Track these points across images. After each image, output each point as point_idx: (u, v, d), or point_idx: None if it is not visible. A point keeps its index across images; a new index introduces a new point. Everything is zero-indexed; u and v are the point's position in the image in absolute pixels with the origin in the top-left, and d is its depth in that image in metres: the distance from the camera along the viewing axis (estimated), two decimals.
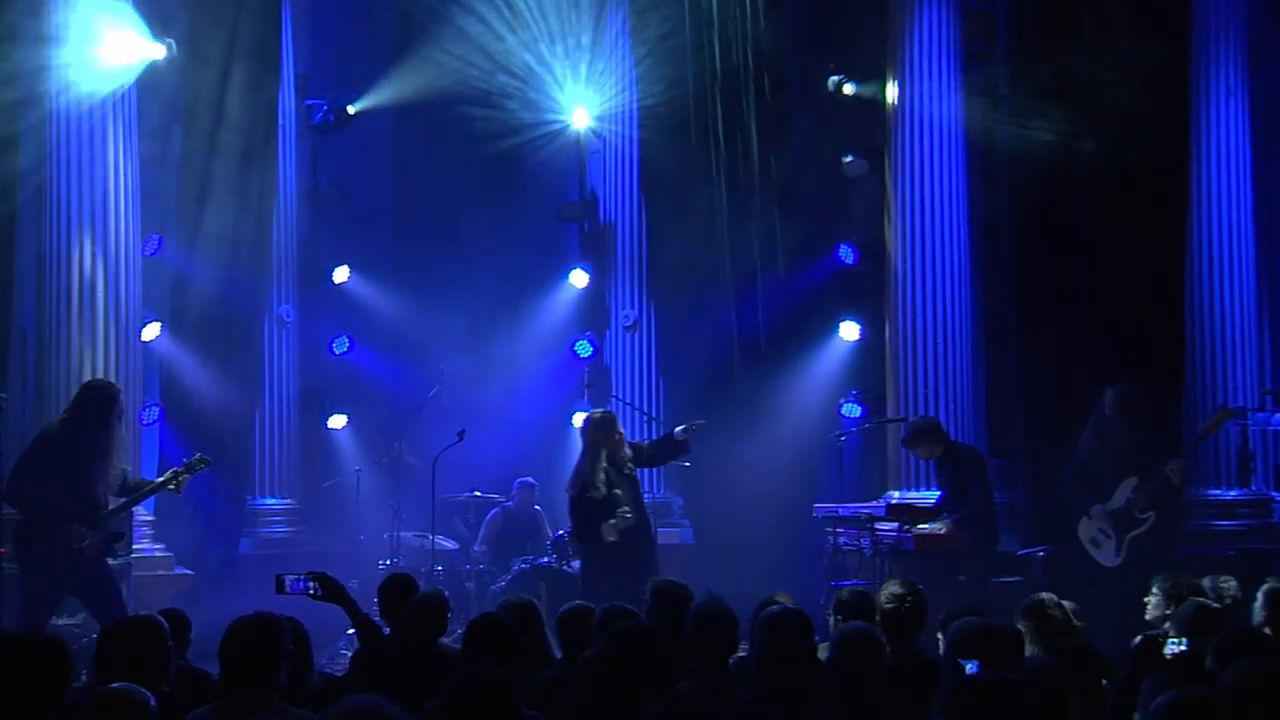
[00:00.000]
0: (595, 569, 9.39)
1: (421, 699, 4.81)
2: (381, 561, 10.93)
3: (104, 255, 10.35)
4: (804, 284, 12.33)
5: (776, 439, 11.91)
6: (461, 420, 11.13)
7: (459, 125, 13.01)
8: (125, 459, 8.95)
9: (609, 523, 9.23)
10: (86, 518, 8.40)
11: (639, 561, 9.21)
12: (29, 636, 4.49)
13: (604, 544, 9.28)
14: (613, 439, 9.50)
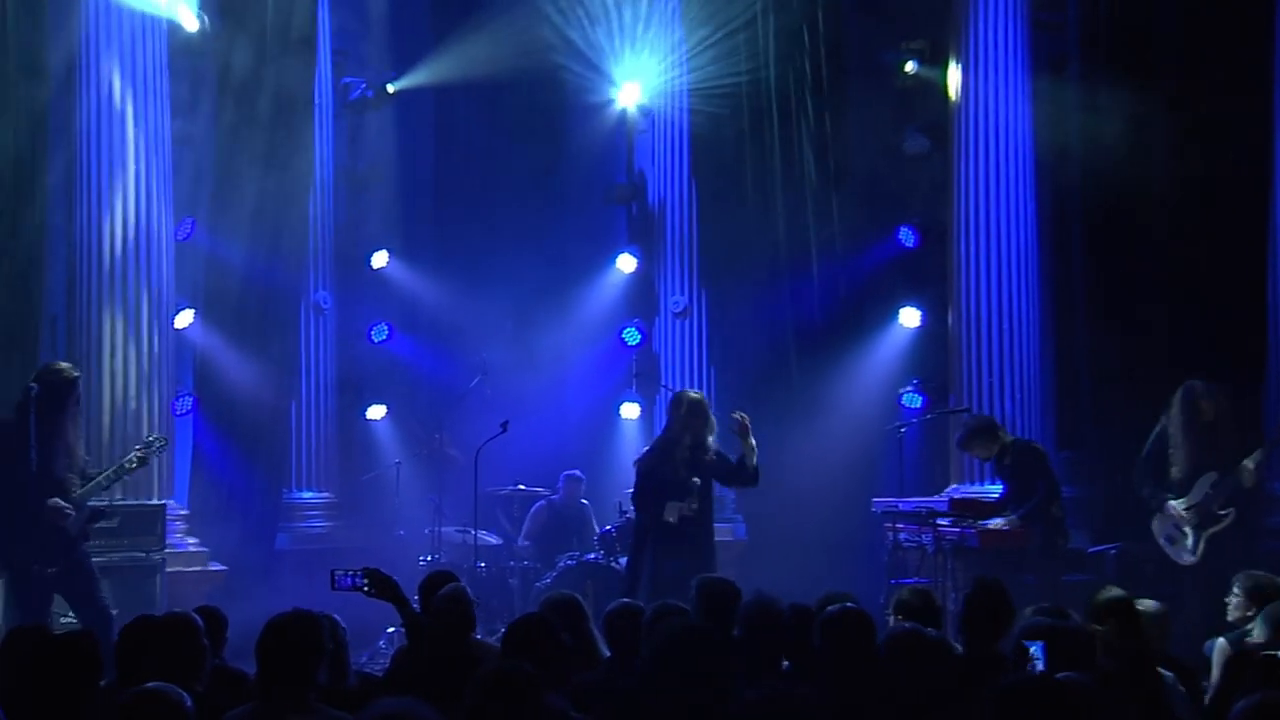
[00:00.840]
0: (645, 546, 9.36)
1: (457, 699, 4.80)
2: (422, 558, 10.96)
3: (135, 239, 10.42)
4: (862, 268, 12.27)
5: (833, 431, 11.85)
6: (505, 411, 11.14)
7: (503, 104, 13.03)
8: (83, 447, 8.92)
9: (674, 502, 9.21)
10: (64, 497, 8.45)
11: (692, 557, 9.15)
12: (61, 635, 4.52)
13: (661, 522, 9.24)
14: (699, 422, 9.41)
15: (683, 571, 8.95)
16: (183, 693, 4.00)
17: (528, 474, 12.04)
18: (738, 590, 6.06)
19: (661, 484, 9.28)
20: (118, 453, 9.69)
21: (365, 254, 12.98)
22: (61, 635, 4.57)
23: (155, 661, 4.97)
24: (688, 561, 9.05)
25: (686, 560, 9.08)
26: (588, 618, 6.31)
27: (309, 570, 11.27)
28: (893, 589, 8.42)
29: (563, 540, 11.70)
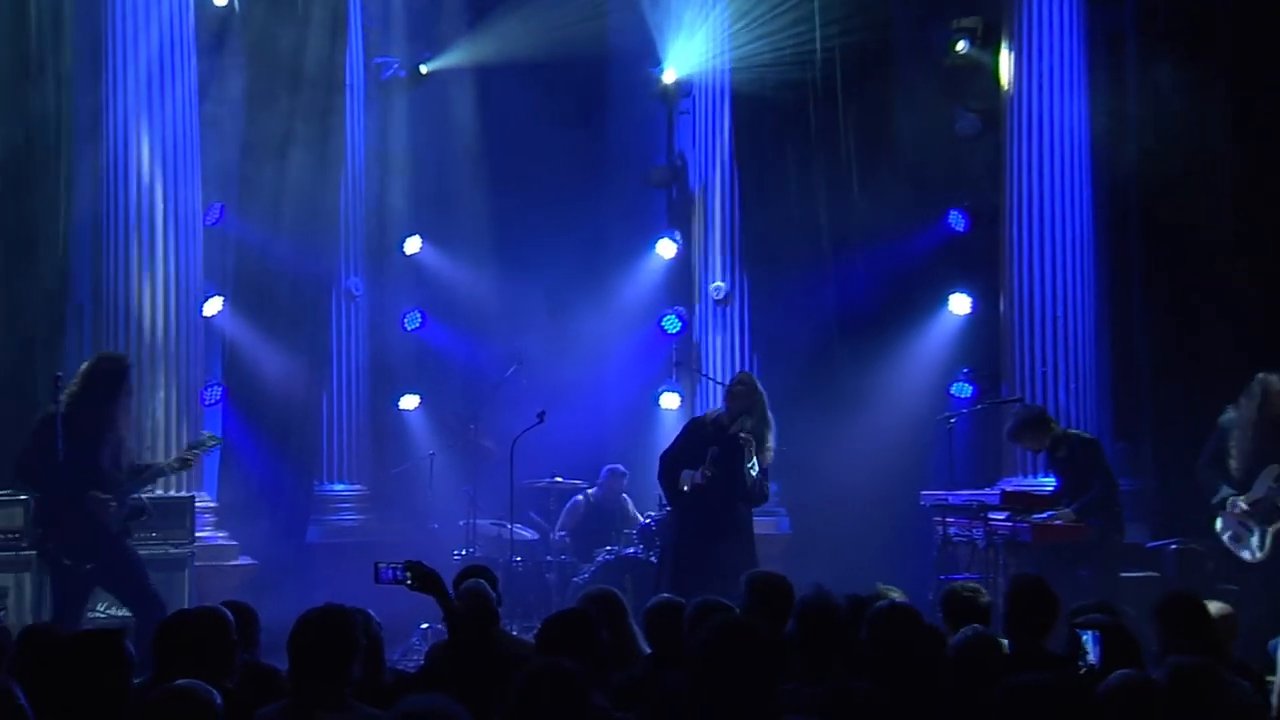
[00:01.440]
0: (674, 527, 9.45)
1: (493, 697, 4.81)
2: (457, 552, 10.98)
3: (164, 225, 10.46)
4: (910, 252, 12.18)
5: (880, 421, 11.79)
6: (541, 401, 11.14)
7: (540, 86, 13.01)
8: (132, 438, 8.96)
9: (688, 471, 9.27)
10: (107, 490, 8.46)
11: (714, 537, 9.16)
12: (87, 634, 4.54)
13: (679, 497, 9.32)
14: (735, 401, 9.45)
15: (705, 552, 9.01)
16: (212, 690, 4.01)
17: (565, 466, 12.03)
18: (789, 585, 6.04)
19: (679, 457, 9.39)
20: (144, 444, 9.73)
21: (398, 239, 13.01)
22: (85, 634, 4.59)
23: (185, 658, 4.99)
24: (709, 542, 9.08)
25: (707, 540, 9.10)
26: (627, 614, 6.30)
27: (341, 564, 11.32)
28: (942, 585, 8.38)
29: (601, 534, 11.69)
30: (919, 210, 12.32)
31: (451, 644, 5.75)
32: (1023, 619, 5.73)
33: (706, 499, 9.23)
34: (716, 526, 9.24)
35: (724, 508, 9.28)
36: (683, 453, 9.42)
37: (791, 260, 12.19)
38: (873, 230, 12.05)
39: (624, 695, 5.19)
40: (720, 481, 9.24)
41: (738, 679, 4.39)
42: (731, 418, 9.38)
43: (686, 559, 9.19)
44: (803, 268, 12.14)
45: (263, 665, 5.87)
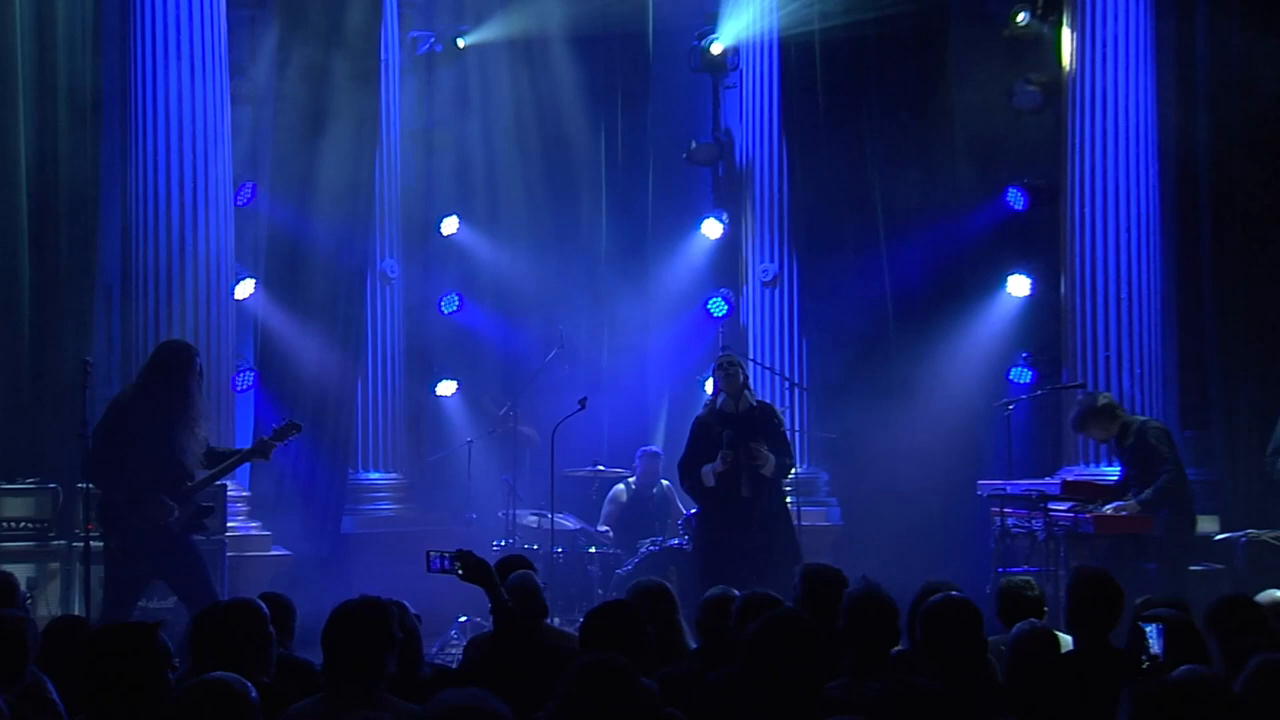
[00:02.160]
0: (703, 530, 9.48)
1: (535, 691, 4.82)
2: (496, 542, 11.02)
3: (194, 205, 10.51)
4: (967, 232, 12.11)
5: (935, 408, 11.75)
6: (583, 387, 11.16)
7: (581, 60, 13.00)
8: (207, 426, 8.94)
9: (708, 466, 9.30)
10: (172, 491, 8.36)
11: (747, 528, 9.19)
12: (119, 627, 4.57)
13: (704, 490, 9.36)
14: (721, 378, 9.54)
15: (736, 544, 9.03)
16: (247, 683, 4.04)
17: (607, 454, 12.04)
18: (843, 577, 6.03)
19: (695, 444, 9.42)
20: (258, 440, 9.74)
21: (435, 220, 13.04)
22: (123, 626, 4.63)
23: (220, 651, 5.03)
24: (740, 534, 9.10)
25: (739, 533, 9.13)
26: (676, 607, 6.31)
27: (376, 555, 11.41)
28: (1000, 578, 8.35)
29: (644, 524, 11.69)
30: (976, 187, 12.25)
31: (497, 637, 5.76)
32: (1086, 614, 5.70)
33: (732, 490, 9.26)
34: (747, 517, 9.27)
35: (754, 496, 9.32)
36: (697, 453, 9.43)
37: (843, 240, 12.14)
38: (928, 208, 11.98)
39: (670, 690, 5.19)
40: (746, 469, 9.28)
41: (787, 673, 4.38)
42: (735, 399, 9.43)
43: (718, 552, 9.20)
44: (854, 248, 12.09)
45: (297, 659, 5.91)
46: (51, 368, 10.14)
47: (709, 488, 9.34)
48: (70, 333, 10.28)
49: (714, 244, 13.08)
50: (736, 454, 9.24)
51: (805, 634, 4.46)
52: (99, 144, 10.76)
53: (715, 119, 13.39)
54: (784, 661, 4.40)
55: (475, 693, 3.64)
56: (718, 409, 9.51)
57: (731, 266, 13.00)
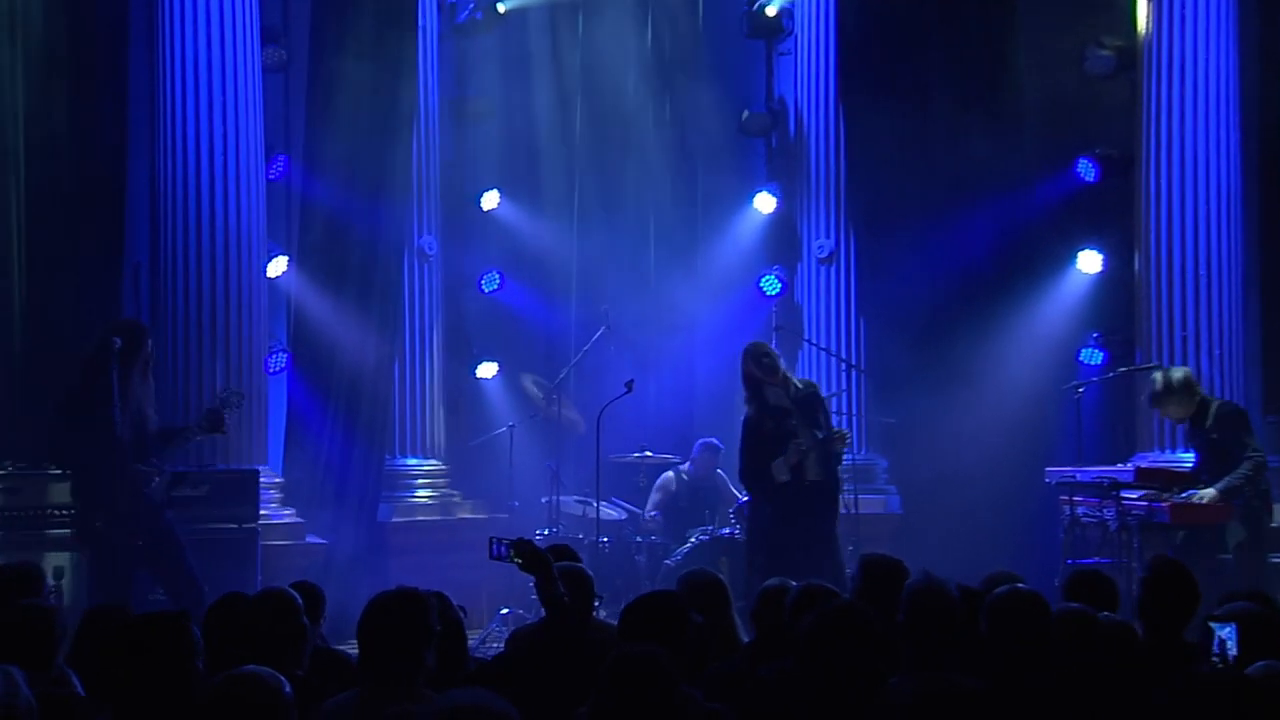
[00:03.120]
0: (764, 518, 9.45)
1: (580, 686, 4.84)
2: (539, 531, 11.05)
3: (224, 179, 10.57)
4: (1035, 205, 12.03)
5: (1001, 391, 11.70)
6: (630, 369, 11.18)
7: (626, 26, 12.98)
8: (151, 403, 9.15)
9: (779, 460, 9.26)
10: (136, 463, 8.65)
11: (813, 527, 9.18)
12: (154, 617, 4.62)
13: (775, 486, 9.31)
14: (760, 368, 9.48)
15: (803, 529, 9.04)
16: (280, 677, 4.07)
17: (655, 439, 12.06)
18: (904, 569, 6.02)
19: (761, 443, 9.36)
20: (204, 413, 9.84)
21: (475, 194, 13.06)
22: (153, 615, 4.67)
23: (251, 643, 5.07)
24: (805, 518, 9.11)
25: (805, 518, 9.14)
26: (729, 599, 6.32)
27: (414, 544, 11.48)
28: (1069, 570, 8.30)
29: (694, 513, 11.71)
30: (1045, 158, 12.15)
31: (547, 630, 5.77)
32: (1159, 607, 5.67)
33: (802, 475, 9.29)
34: (810, 501, 9.32)
35: (822, 479, 9.36)
36: (760, 454, 9.41)
37: (903, 214, 12.10)
38: (993, 180, 11.90)
39: (721, 686, 5.20)
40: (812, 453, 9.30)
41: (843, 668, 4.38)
42: (785, 388, 9.38)
43: (785, 539, 9.20)
44: (915, 222, 12.04)
45: (333, 651, 5.95)
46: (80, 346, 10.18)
47: (782, 482, 9.30)
48: (98, 311, 10.36)
49: (767, 219, 13.05)
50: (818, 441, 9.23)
51: (863, 627, 4.45)
52: (126, 116, 10.83)
53: (768, 87, 13.35)
54: (840, 656, 4.39)
55: (481, 694, 3.66)
56: (771, 404, 9.45)
57: (785, 242, 12.98)
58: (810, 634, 4.46)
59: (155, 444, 8.96)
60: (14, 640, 5.00)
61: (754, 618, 6.01)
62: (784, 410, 9.39)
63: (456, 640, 5.44)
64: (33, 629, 5.10)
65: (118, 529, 8.59)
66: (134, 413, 8.75)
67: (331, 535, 11.08)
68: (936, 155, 11.95)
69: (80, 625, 5.69)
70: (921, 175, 11.98)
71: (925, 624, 5.06)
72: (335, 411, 11.30)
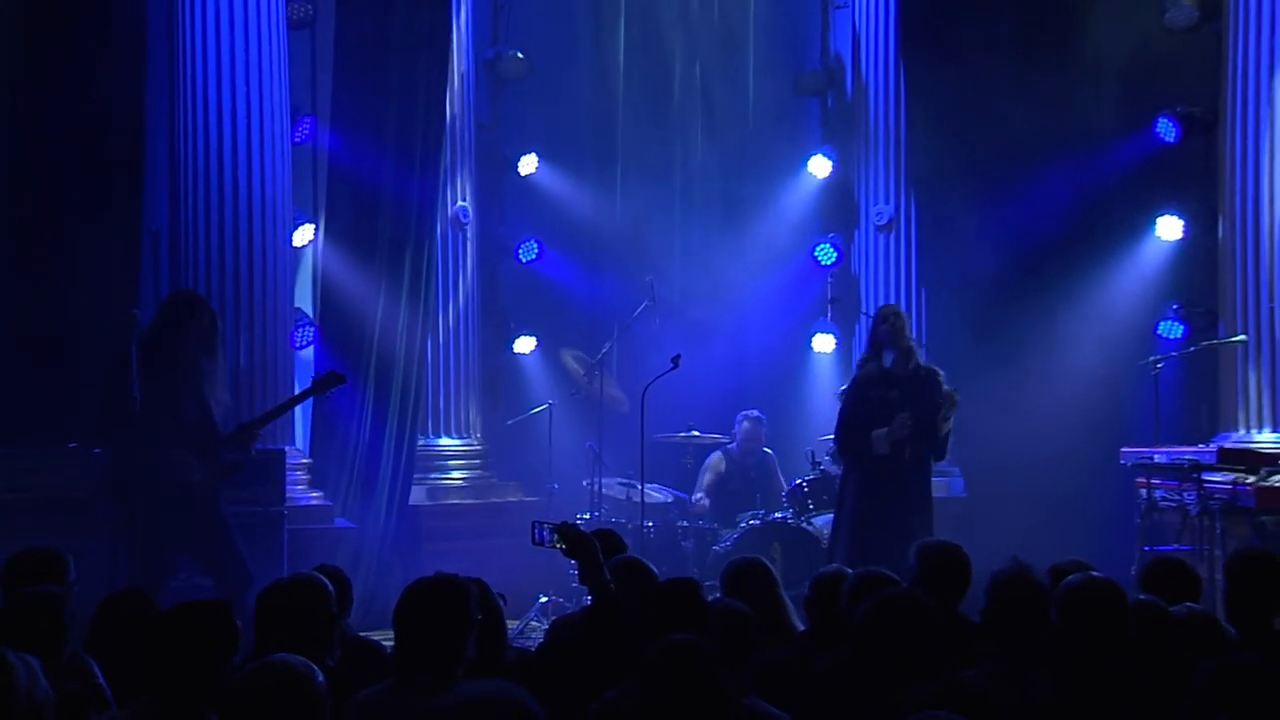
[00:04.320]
0: (851, 487, 9.48)
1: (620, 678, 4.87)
2: (580, 516, 11.07)
3: (247, 143, 10.59)
4: (1110, 168, 11.98)
5: (1072, 366, 11.70)
6: (676, 344, 11.16)
7: None
8: (226, 390, 9.21)
9: (879, 431, 9.26)
10: (191, 444, 8.71)
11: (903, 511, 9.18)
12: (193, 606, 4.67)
13: (871, 459, 9.31)
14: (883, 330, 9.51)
15: (889, 511, 9.04)
16: (313, 666, 4.09)
17: (703, 418, 12.06)
18: (965, 556, 6.01)
19: (858, 408, 9.39)
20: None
21: (512, 158, 13.08)
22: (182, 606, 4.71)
23: (282, 631, 5.11)
24: (894, 502, 9.11)
25: (893, 501, 9.14)
26: (778, 586, 6.33)
27: (448, 528, 11.53)
28: (1146, 557, 8.29)
29: (744, 496, 11.73)
30: (1121, 117, 12.08)
31: (591, 619, 5.79)
32: (1245, 598, 5.64)
33: (900, 456, 9.31)
34: (904, 484, 9.33)
35: (916, 464, 9.36)
36: (863, 414, 9.42)
37: (968, 178, 12.08)
38: (1066, 141, 11.87)
39: (771, 678, 5.22)
40: (913, 434, 9.30)
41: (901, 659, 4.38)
42: (904, 358, 9.41)
43: (870, 521, 9.22)
44: (981, 187, 12.02)
45: (366, 641, 5.99)
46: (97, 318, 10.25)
47: (877, 455, 9.31)
48: (116, 282, 10.41)
49: (822, 184, 13.02)
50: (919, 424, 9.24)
51: (922, 617, 4.45)
52: (144, 76, 10.87)
53: (824, 44, 13.30)
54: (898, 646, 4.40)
55: (502, 685, 3.68)
56: (885, 367, 9.47)
57: (842, 209, 12.95)
58: (867, 623, 4.47)
59: (216, 431, 8.92)
60: (22, 627, 5.06)
61: (808, 606, 6.02)
62: (891, 379, 9.37)
63: (497, 630, 5.46)
64: (41, 616, 5.14)
65: (148, 517, 8.63)
66: (197, 393, 8.75)
67: (361, 519, 11.13)
68: (1004, 114, 11.89)
69: (98, 611, 5.74)
70: (988, 136, 11.93)
71: (1010, 614, 5.05)
72: (365, 389, 11.33)
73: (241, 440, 9.01)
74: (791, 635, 6.11)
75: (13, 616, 5.20)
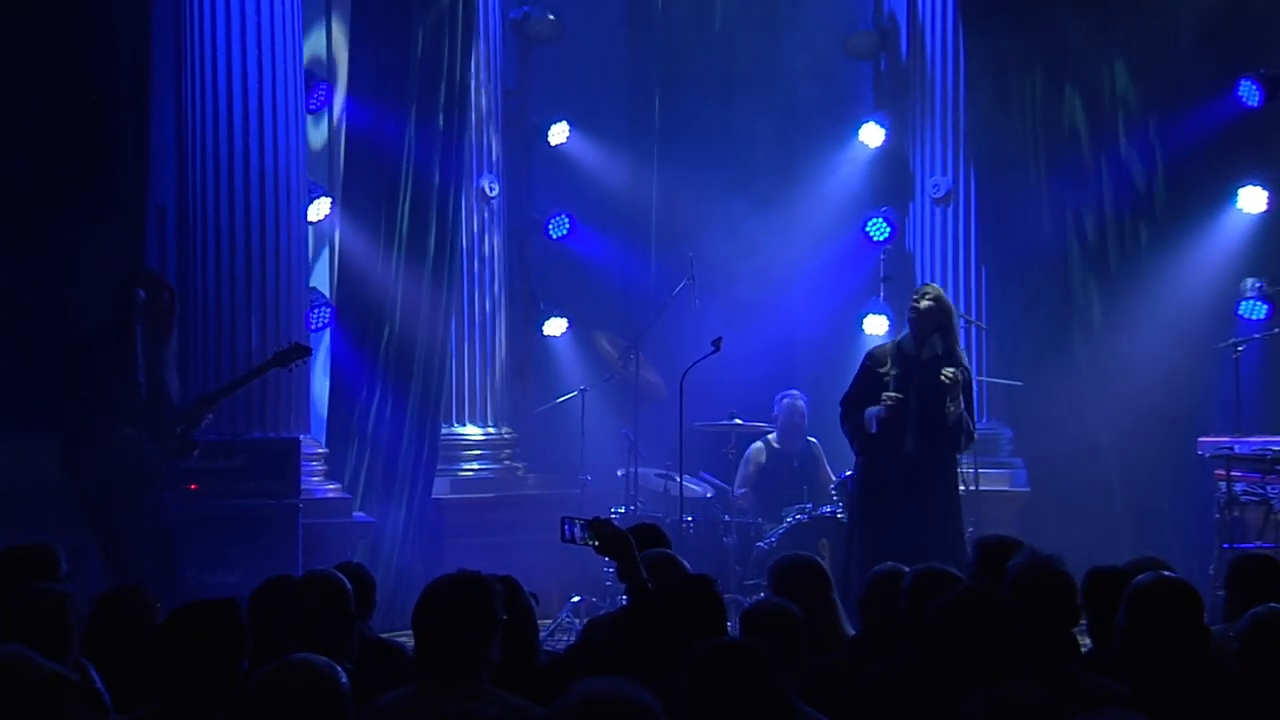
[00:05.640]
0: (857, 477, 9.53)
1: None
2: (614, 510, 11.11)
3: (259, 111, 10.61)
4: (1187, 135, 11.88)
5: (1144, 349, 11.63)
6: (717, 325, 11.16)
7: None
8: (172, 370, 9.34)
9: (871, 409, 9.31)
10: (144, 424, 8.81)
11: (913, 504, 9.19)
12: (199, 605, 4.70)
13: (865, 438, 9.37)
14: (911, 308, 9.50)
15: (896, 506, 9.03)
16: (336, 667, 4.11)
17: (746, 405, 12.04)
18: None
19: (859, 399, 9.43)
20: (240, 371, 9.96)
21: (541, 126, 13.08)
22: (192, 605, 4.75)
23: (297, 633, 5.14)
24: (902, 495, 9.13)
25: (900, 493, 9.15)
26: (830, 586, 6.33)
27: (472, 523, 11.56)
28: (1226, 555, 8.26)
29: (790, 488, 11.73)
30: (1200, 79, 11.97)
31: (627, 620, 5.81)
32: None
33: (893, 444, 9.24)
34: (910, 476, 9.27)
35: (921, 453, 9.29)
36: (863, 390, 9.44)
37: (1032, 147, 12.00)
38: (1138, 106, 11.78)
39: (821, 684, 5.22)
40: (913, 421, 9.24)
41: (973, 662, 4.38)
42: (920, 339, 9.36)
43: (875, 515, 9.22)
44: (1046, 157, 11.94)
45: (385, 642, 6.02)
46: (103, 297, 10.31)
47: (870, 435, 9.32)
48: (120, 260, 10.45)
49: (874, 153, 12.99)
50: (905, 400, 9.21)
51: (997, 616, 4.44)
52: (148, 40, 10.90)
53: (877, 1, 13.25)
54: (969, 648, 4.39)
55: (612, 681, 3.66)
56: (898, 344, 9.48)
57: (895, 181, 12.92)
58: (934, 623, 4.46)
59: (172, 416, 9.09)
60: (25, 629, 5.06)
61: (862, 607, 6.02)
62: (903, 359, 9.35)
63: (527, 631, 5.47)
64: (45, 616, 5.17)
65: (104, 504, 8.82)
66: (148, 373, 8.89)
67: (380, 512, 11.17)
68: (1071, 79, 11.83)
69: (93, 612, 5.78)
70: (1054, 101, 11.86)
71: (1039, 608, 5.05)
72: (384, 373, 11.36)
73: (194, 416, 9.17)
74: (842, 640, 6.11)
75: (15, 616, 5.21)
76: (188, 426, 9.19)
